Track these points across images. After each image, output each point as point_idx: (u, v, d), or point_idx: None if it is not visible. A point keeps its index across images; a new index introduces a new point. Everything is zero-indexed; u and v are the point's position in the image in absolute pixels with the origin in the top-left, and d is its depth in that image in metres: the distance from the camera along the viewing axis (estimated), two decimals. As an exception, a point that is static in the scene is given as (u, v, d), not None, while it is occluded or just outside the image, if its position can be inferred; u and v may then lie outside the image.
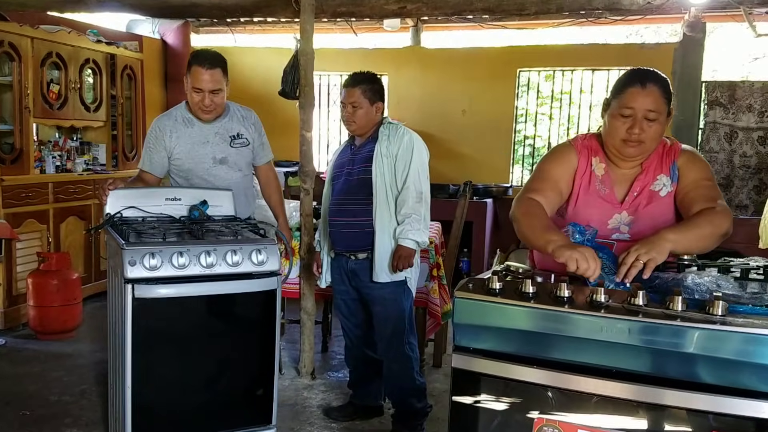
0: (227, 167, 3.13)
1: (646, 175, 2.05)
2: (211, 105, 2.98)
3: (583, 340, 1.63)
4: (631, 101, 1.95)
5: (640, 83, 1.95)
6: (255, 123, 3.25)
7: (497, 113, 6.55)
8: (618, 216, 2.05)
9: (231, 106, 3.20)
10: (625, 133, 1.97)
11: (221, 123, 3.12)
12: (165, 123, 3.12)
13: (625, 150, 2.00)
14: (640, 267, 1.73)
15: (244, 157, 3.20)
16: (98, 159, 5.78)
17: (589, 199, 2.08)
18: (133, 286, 2.32)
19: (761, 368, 1.46)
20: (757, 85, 5.85)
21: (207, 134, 3.09)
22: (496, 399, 1.81)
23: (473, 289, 1.78)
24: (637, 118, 1.95)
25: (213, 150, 3.10)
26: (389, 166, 3.02)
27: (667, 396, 1.56)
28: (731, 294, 1.66)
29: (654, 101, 1.95)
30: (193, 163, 3.09)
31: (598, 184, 2.08)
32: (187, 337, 2.54)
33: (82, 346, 4.42)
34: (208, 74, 2.94)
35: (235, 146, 3.14)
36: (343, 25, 6.69)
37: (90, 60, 5.52)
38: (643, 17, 6.16)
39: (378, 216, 3.03)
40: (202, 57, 2.97)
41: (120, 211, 2.73)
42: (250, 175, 3.32)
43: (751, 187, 5.88)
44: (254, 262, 2.50)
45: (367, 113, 3.07)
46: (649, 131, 1.96)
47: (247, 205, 3.26)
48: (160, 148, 3.10)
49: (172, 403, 2.55)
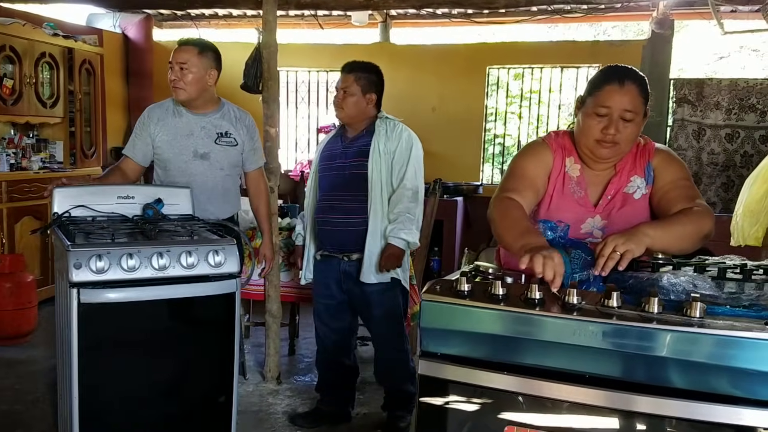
0: (208, 164, 3.02)
1: (619, 178, 1.97)
2: (177, 80, 2.91)
3: (554, 344, 1.54)
4: (608, 100, 1.85)
5: (618, 81, 1.86)
6: (248, 126, 3.15)
7: (467, 111, 6.49)
8: (591, 220, 1.96)
9: (227, 105, 3.14)
10: (600, 133, 1.87)
11: (210, 118, 3.04)
12: (155, 111, 3.08)
13: (599, 151, 1.90)
14: (617, 258, 1.64)
15: (229, 157, 3.07)
16: (55, 157, 5.59)
17: (562, 202, 1.98)
18: (78, 291, 2.18)
19: (742, 373, 1.38)
20: (725, 83, 5.87)
21: (192, 127, 3.01)
22: (466, 406, 1.72)
23: (441, 291, 1.68)
24: (613, 118, 1.85)
25: (195, 143, 3.01)
26: (386, 163, 2.93)
27: (643, 403, 1.48)
28: (708, 294, 1.59)
29: (631, 100, 1.85)
30: (173, 153, 3.01)
31: (573, 186, 1.98)
32: (139, 344, 2.39)
33: (36, 352, 4.23)
34: (180, 49, 2.95)
35: (220, 143, 3.04)
36: (310, 20, 6.57)
37: (46, 54, 5.34)
38: (612, 14, 6.16)
39: (372, 214, 2.93)
40: (188, 39, 3.04)
41: (68, 210, 2.57)
42: (235, 177, 3.19)
43: (719, 184, 5.90)
44: (211, 264, 2.37)
45: (357, 102, 2.99)
46: (625, 132, 1.86)
47: (226, 207, 3.13)
48: (144, 134, 3.04)
49: (125, 414, 2.41)
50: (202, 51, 2.95)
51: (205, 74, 2.95)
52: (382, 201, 2.93)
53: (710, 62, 11.57)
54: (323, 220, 3.05)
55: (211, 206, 3.03)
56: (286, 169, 6.95)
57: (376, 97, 3.05)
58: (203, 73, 2.94)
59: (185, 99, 2.96)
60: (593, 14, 6.07)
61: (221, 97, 3.14)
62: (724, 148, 5.87)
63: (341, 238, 3.00)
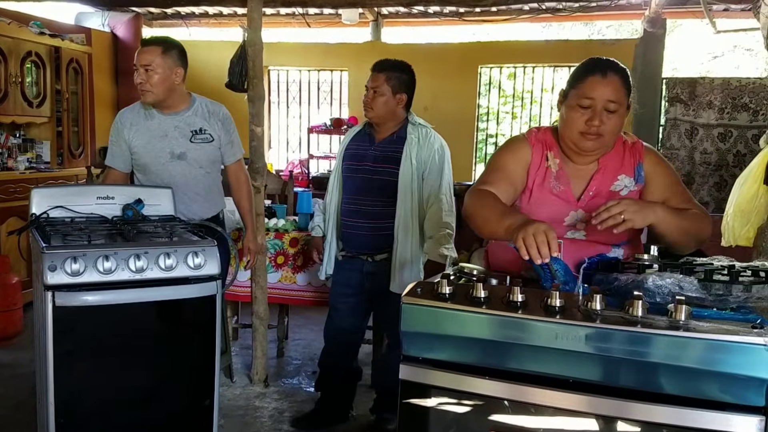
0: (186, 163, 2.96)
1: (603, 174, 1.94)
2: (143, 83, 2.84)
3: (537, 348, 1.50)
4: (591, 91, 1.83)
5: (601, 72, 1.84)
6: (223, 119, 3.06)
7: (459, 110, 6.45)
8: (574, 213, 1.93)
9: (198, 100, 3.05)
10: (584, 125, 1.84)
11: (182, 117, 2.96)
12: (126, 115, 3.02)
13: (583, 143, 1.88)
14: (619, 221, 1.66)
15: (207, 155, 3.01)
16: (42, 157, 5.52)
17: (542, 197, 1.95)
18: (53, 294, 2.12)
19: (730, 377, 1.34)
20: (717, 82, 5.84)
21: (166, 128, 2.94)
22: (448, 411, 1.68)
23: (422, 294, 1.64)
24: (596, 109, 1.83)
25: (171, 144, 2.94)
26: (418, 172, 2.89)
27: (628, 408, 1.44)
28: (694, 297, 1.54)
29: (614, 91, 1.83)
30: (150, 157, 2.95)
31: (553, 181, 1.95)
32: (117, 348, 2.34)
33: (21, 355, 4.16)
34: (143, 51, 2.87)
35: (195, 141, 2.97)
36: (300, 19, 6.53)
37: (32, 53, 5.27)
38: (604, 13, 6.13)
39: (402, 223, 2.89)
40: (150, 38, 2.98)
41: (46, 211, 2.52)
42: (216, 174, 3.12)
43: (711, 184, 5.88)
44: (191, 266, 2.32)
45: (387, 102, 2.92)
46: (609, 123, 1.84)
47: (209, 206, 3.09)
48: (120, 140, 2.99)
49: (103, 420, 2.35)
50: (165, 50, 2.87)
51: (171, 74, 2.87)
52: (411, 210, 2.90)
53: (704, 61, 11.57)
54: (349, 223, 3.00)
55: (195, 206, 2.99)
56: (278, 168, 6.91)
57: (407, 98, 2.98)
58: (169, 73, 2.86)
59: (153, 101, 2.90)
60: (584, 13, 6.05)
61: (195, 93, 3.10)
62: (716, 147, 5.85)
63: (367, 242, 2.97)
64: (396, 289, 2.88)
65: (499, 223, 1.71)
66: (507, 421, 1.59)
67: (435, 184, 2.90)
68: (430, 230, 2.88)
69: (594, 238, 1.89)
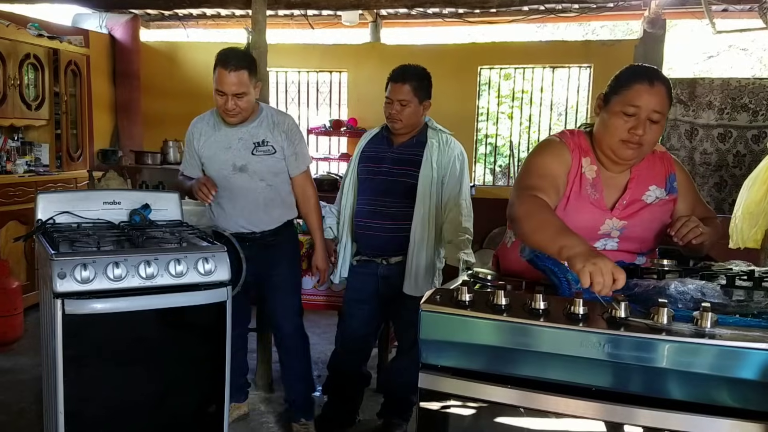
0: (247, 176, 2.89)
1: (637, 183, 1.92)
2: (235, 109, 2.75)
3: (560, 357, 1.49)
4: (638, 99, 1.78)
5: (648, 81, 1.80)
6: (287, 130, 2.95)
7: (459, 111, 6.43)
8: (609, 222, 1.90)
9: (265, 110, 2.98)
10: (627, 134, 1.80)
11: (247, 128, 2.89)
12: (197, 126, 2.99)
13: (623, 152, 1.84)
14: (699, 234, 1.78)
15: (269, 167, 2.91)
16: (41, 160, 5.47)
17: (579, 204, 1.91)
18: (63, 301, 2.09)
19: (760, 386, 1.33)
20: (717, 82, 5.84)
21: (230, 139, 2.89)
22: (467, 420, 1.66)
23: (441, 302, 1.62)
24: (641, 118, 1.79)
25: (234, 156, 2.88)
26: (437, 176, 2.88)
27: (652, 417, 1.43)
28: (717, 303, 1.53)
29: (660, 101, 1.79)
30: (214, 170, 2.91)
31: (589, 188, 1.91)
32: (127, 356, 2.31)
33: (22, 361, 4.13)
34: (231, 76, 2.70)
35: (257, 154, 2.88)
36: (300, 20, 6.50)
37: (31, 55, 5.22)
38: (605, 14, 6.13)
39: (419, 226, 2.87)
40: (226, 57, 2.73)
41: (53, 216, 2.49)
42: (279, 185, 2.98)
43: (711, 184, 5.88)
44: (201, 272, 2.29)
45: (416, 112, 2.90)
46: (650, 133, 1.81)
47: (269, 219, 2.98)
48: (192, 151, 2.98)
49: (112, 427, 2.33)
50: (251, 71, 2.77)
51: (254, 92, 2.83)
52: (429, 214, 2.89)
53: (699, 61, 11.59)
54: (364, 224, 2.98)
55: (254, 218, 2.94)
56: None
57: (430, 103, 2.98)
58: (254, 92, 2.82)
59: (239, 122, 2.87)
60: (586, 14, 6.04)
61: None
62: (716, 147, 5.85)
63: (382, 243, 2.94)
64: (409, 290, 2.87)
65: (553, 240, 1.61)
66: (528, 430, 1.58)
67: (455, 189, 2.90)
68: (450, 235, 2.87)
69: (625, 248, 1.89)
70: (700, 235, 1.77)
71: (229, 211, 2.93)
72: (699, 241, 1.79)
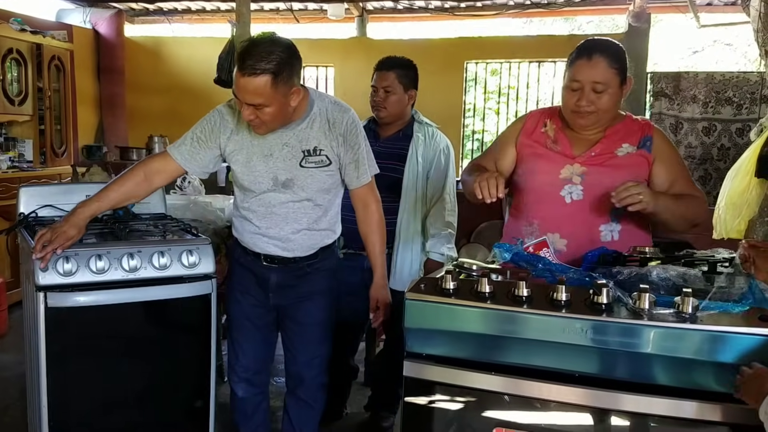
0: (291, 193, 2.23)
1: (610, 140, 2.04)
2: (255, 120, 2.08)
3: (544, 343, 1.50)
4: (578, 74, 1.96)
5: (587, 55, 1.96)
6: (346, 132, 2.24)
7: (446, 106, 6.43)
8: (570, 167, 2.04)
9: (317, 103, 2.23)
10: (575, 106, 1.99)
11: (294, 131, 2.20)
12: (228, 118, 2.26)
13: (576, 121, 2.02)
14: (636, 201, 1.79)
15: (318, 182, 2.25)
16: (24, 156, 5.44)
17: (538, 153, 2.11)
18: (45, 294, 2.07)
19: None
20: (701, 76, 5.88)
21: (272, 145, 2.20)
22: (453, 408, 1.67)
23: (425, 290, 1.63)
24: (584, 91, 1.95)
25: (276, 168, 2.21)
26: (423, 171, 2.87)
27: (636, 402, 1.44)
28: (699, 289, 1.55)
29: (601, 73, 1.94)
30: (249, 181, 2.24)
31: (550, 143, 2.10)
32: (111, 349, 2.29)
33: (6, 358, 4.09)
34: (246, 82, 2.01)
35: (306, 165, 2.21)
36: (285, 14, 6.48)
37: (13, 50, 5.18)
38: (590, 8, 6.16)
39: (404, 221, 2.86)
40: (245, 55, 2.00)
41: (35, 210, 2.47)
42: (329, 205, 2.36)
43: (696, 177, 5.92)
44: (185, 265, 2.28)
45: (400, 100, 2.88)
46: (599, 102, 1.96)
47: (307, 245, 2.33)
48: (212, 143, 2.25)
49: (97, 422, 2.31)
50: (278, 75, 1.99)
51: (287, 100, 2.08)
52: (414, 208, 2.88)
53: (684, 56, 11.66)
54: (350, 218, 2.96)
55: (292, 244, 2.30)
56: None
57: (416, 94, 2.96)
58: (284, 101, 2.07)
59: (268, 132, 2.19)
60: (571, 8, 6.06)
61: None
62: (701, 141, 5.89)
63: None
64: (396, 285, 2.87)
65: (475, 179, 1.94)
66: (513, 417, 1.59)
67: (439, 183, 2.89)
68: (433, 229, 2.87)
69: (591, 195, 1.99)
70: (640, 202, 1.79)
71: (263, 231, 2.29)
72: (637, 209, 1.81)
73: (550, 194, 2.02)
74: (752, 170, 3.07)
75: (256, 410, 2.55)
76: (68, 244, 2.11)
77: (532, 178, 2.08)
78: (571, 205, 1.99)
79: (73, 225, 2.13)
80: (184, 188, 3.60)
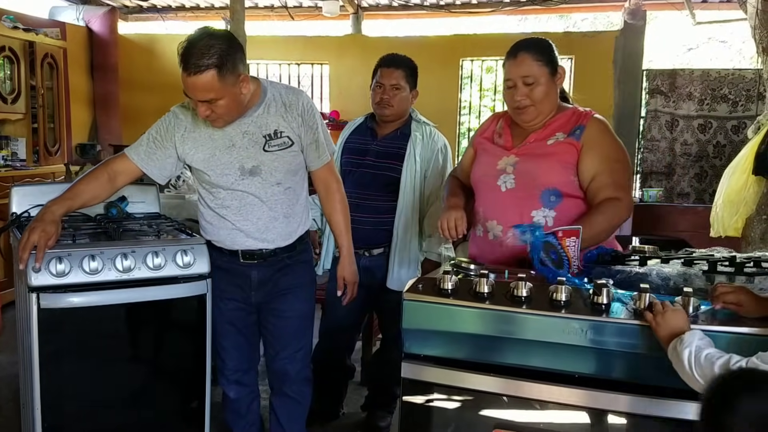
0: (260, 180, 2.24)
1: (546, 131, 2.12)
2: (212, 115, 2.09)
3: (543, 344, 1.48)
4: (508, 73, 2.12)
5: (513, 55, 2.12)
6: (303, 112, 2.25)
7: (441, 104, 6.41)
8: (507, 158, 2.15)
9: (270, 90, 2.25)
10: (513, 102, 2.12)
11: (251, 118, 2.21)
12: (182, 117, 2.26)
13: (518, 116, 2.14)
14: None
15: (285, 164, 2.26)
16: (18, 154, 5.39)
17: (485, 149, 2.25)
18: (38, 295, 2.04)
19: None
20: (697, 73, 5.88)
21: (232, 135, 2.20)
22: (451, 409, 1.65)
23: (423, 290, 1.61)
24: (517, 87, 2.08)
25: (240, 157, 2.21)
26: (421, 170, 2.85)
27: (635, 403, 1.43)
28: (699, 289, 1.54)
29: (526, 68, 2.07)
30: (216, 174, 2.24)
31: (497, 138, 2.24)
32: (105, 351, 2.27)
33: (0, 358, 4.06)
34: (194, 81, 2.02)
35: (270, 149, 2.22)
36: (280, 11, 6.45)
37: (6, 48, 5.13)
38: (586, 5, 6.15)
39: (402, 221, 2.84)
40: (186, 56, 2.01)
41: (27, 210, 2.44)
42: (299, 187, 2.38)
43: (692, 175, 5.93)
44: (180, 265, 2.25)
45: (406, 99, 2.87)
46: (533, 95, 2.07)
47: (285, 232, 2.34)
48: (167, 143, 2.25)
49: (91, 424, 2.29)
50: (222, 67, 2.01)
51: (237, 90, 2.09)
52: (412, 207, 2.86)
53: (679, 54, 11.68)
54: None
55: (271, 233, 2.31)
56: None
57: (417, 94, 2.95)
58: (235, 90, 2.08)
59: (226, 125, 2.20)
60: (566, 5, 6.05)
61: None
62: (696, 138, 5.90)
63: (365, 236, 2.89)
64: (393, 285, 2.85)
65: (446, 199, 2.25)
66: (511, 417, 1.57)
67: (437, 183, 2.87)
68: (430, 228, 2.85)
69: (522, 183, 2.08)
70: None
71: (238, 225, 2.28)
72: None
73: (488, 184, 2.16)
74: (749, 168, 3.07)
75: (248, 410, 2.58)
76: (53, 242, 2.09)
77: (477, 169, 2.24)
78: (506, 194, 2.10)
79: (51, 222, 2.10)
80: (178, 187, 3.57)
